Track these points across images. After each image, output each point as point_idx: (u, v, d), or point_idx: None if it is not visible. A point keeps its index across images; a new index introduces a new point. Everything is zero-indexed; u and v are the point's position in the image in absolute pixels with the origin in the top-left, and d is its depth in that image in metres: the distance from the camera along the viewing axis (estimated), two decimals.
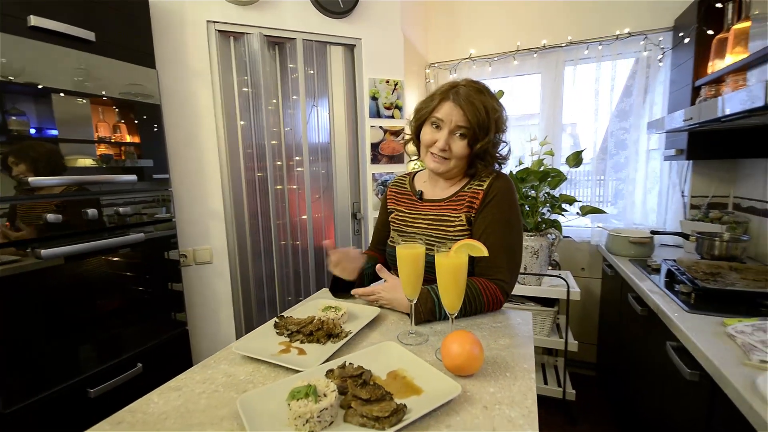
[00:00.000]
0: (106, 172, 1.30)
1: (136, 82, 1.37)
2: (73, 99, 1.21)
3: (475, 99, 0.94)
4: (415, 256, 0.77)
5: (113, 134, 1.34)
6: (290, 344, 0.78)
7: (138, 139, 1.39)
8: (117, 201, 1.33)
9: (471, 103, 0.93)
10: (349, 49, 1.94)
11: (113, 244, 1.29)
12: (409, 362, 0.68)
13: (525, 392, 0.60)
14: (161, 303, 1.50)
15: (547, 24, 2.29)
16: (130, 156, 1.38)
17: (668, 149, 2.00)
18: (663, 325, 1.25)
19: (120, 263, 1.35)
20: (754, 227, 1.81)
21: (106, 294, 1.30)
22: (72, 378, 1.19)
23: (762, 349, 0.90)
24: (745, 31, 1.41)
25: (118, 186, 1.33)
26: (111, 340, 1.32)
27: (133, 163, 1.38)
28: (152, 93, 1.42)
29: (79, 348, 1.22)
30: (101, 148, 1.31)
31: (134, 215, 1.38)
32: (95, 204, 1.26)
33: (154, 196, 1.46)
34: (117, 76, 1.31)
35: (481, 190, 0.96)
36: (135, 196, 1.38)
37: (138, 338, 1.41)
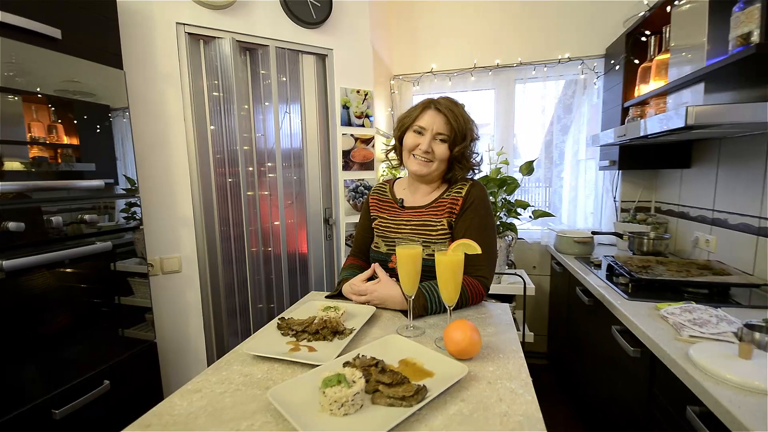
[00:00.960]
0: (47, 176, 1.16)
1: (74, 79, 1.23)
2: (4, 96, 1.08)
3: (454, 108, 1.08)
4: (414, 255, 0.85)
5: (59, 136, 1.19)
6: (298, 343, 0.81)
7: (77, 141, 1.25)
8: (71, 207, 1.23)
9: (451, 111, 1.07)
10: (320, 58, 1.98)
11: (72, 255, 1.19)
12: (416, 351, 0.75)
13: (519, 368, 0.70)
14: (127, 316, 1.42)
15: (501, 45, 2.51)
16: (67, 159, 1.22)
17: (602, 160, 2.30)
18: (608, 312, 1.45)
19: (80, 275, 1.26)
20: (672, 227, 2.14)
21: (65, 308, 1.21)
22: (34, 399, 1.09)
23: (689, 327, 1.10)
24: (665, 61, 1.69)
25: (75, 192, 1.22)
26: (74, 357, 1.23)
27: (70, 167, 1.22)
28: (93, 91, 1.29)
29: (40, 367, 1.13)
30: (34, 150, 1.15)
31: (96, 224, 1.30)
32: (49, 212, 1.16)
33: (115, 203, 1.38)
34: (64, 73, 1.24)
35: (460, 197, 1.07)
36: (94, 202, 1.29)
37: (103, 354, 1.32)
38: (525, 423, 0.55)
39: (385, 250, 1.13)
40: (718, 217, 1.75)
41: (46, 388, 1.13)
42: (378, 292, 1.00)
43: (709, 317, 1.15)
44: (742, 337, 1.02)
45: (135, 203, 1.44)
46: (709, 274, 1.49)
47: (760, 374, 0.83)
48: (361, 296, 1.02)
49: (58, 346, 1.18)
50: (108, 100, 1.34)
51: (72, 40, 1.21)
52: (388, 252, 1.12)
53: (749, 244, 1.54)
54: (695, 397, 0.90)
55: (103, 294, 1.34)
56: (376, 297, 1.00)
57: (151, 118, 1.56)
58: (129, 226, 1.42)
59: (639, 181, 2.39)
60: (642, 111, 1.91)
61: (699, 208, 1.90)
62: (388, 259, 1.11)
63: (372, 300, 1.01)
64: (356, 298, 1.03)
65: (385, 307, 1.01)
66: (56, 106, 1.19)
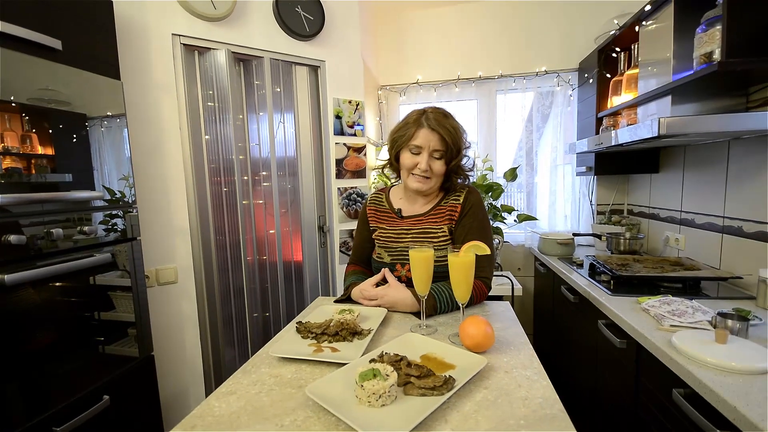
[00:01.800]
0: (22, 188, 1.09)
1: (49, 87, 1.16)
2: None
3: (445, 123, 1.10)
4: (427, 258, 0.90)
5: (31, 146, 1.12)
6: (319, 344, 0.85)
7: (51, 151, 1.16)
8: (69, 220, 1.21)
9: (443, 126, 1.09)
10: (313, 69, 2.03)
11: (65, 270, 1.15)
12: (434, 346, 0.80)
13: (530, 358, 0.77)
14: (124, 329, 1.39)
15: (483, 58, 2.64)
16: (43, 171, 1.16)
17: (579, 166, 2.45)
18: (594, 308, 1.55)
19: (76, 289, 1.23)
20: (644, 227, 2.30)
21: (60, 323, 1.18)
22: (35, 417, 1.06)
23: (669, 317, 1.21)
24: (634, 76, 1.84)
25: (61, 205, 1.18)
26: (72, 373, 1.20)
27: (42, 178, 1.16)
28: (85, 101, 1.25)
29: (40, 384, 1.10)
30: (7, 160, 1.08)
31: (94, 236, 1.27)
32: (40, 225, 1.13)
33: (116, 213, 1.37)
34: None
35: (458, 204, 1.14)
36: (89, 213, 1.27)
37: (102, 369, 1.29)
38: (545, 404, 0.61)
39: (389, 260, 1.17)
40: (686, 217, 1.91)
41: (45, 406, 1.10)
42: (389, 295, 1.04)
43: (685, 308, 1.26)
44: (716, 325, 1.14)
45: (117, 215, 1.37)
46: (681, 269, 1.63)
47: (736, 356, 0.93)
48: (372, 300, 1.06)
49: (55, 363, 1.15)
50: (103, 109, 1.33)
51: (71, 52, 1.20)
52: (392, 261, 1.16)
53: (715, 242, 1.69)
54: (680, 380, 0.99)
55: (98, 307, 1.31)
56: (387, 300, 1.05)
57: (147, 127, 1.56)
58: (111, 239, 1.35)
59: (612, 186, 2.55)
60: (615, 121, 2.07)
61: (668, 209, 2.06)
62: (392, 268, 1.15)
63: (383, 303, 1.05)
64: (367, 302, 1.08)
65: (396, 310, 1.06)
66: (30, 115, 1.13)
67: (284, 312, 2.00)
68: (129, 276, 1.41)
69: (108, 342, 1.33)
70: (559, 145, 2.61)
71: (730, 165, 1.62)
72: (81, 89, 1.25)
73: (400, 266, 1.15)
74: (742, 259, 1.54)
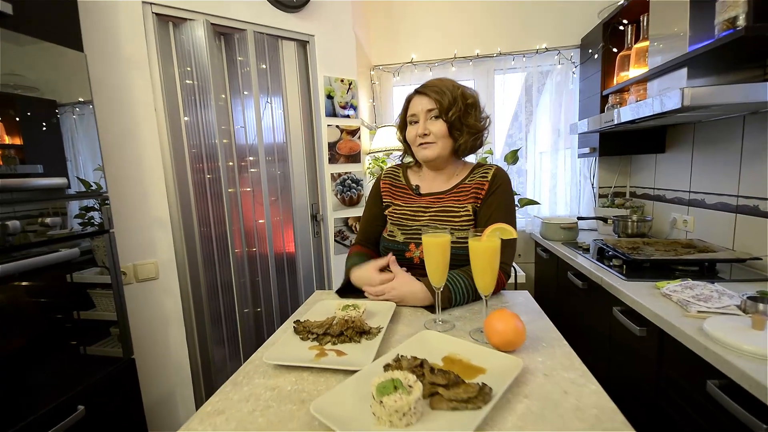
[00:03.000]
0: None
1: (16, 71, 1.03)
2: None
3: (436, 83, 1.05)
4: (443, 244, 0.79)
5: None
6: (323, 347, 0.73)
7: (19, 140, 1.05)
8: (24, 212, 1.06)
9: (433, 86, 1.04)
10: (301, 45, 1.87)
11: (24, 267, 1.01)
12: (457, 346, 0.69)
13: (569, 357, 0.67)
14: (99, 331, 1.25)
15: (480, 36, 2.51)
16: (10, 161, 1.02)
17: (582, 147, 2.35)
18: (607, 294, 1.47)
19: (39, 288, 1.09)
20: (648, 209, 2.23)
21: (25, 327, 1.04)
22: None
23: (695, 303, 1.13)
24: (644, 49, 1.74)
25: (25, 195, 1.05)
26: (42, 382, 1.06)
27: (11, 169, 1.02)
28: (47, 84, 1.11)
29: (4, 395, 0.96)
30: None
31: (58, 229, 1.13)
32: None
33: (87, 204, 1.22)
34: None
35: (486, 181, 1.03)
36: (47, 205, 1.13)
37: (76, 376, 1.16)
38: (602, 416, 0.51)
39: (402, 239, 1.06)
40: (695, 198, 1.83)
41: (11, 419, 0.97)
42: (397, 289, 0.93)
43: (710, 292, 1.18)
44: (746, 309, 1.06)
45: (93, 207, 1.25)
46: (695, 251, 1.55)
47: None
48: (379, 296, 0.95)
49: (20, 371, 1.01)
50: (65, 92, 1.17)
51: (24, 17, 1.03)
52: (406, 241, 1.06)
53: (728, 222, 1.62)
54: (716, 371, 0.91)
55: (68, 308, 1.17)
56: (395, 295, 0.93)
57: (117, 108, 1.39)
58: (87, 231, 1.23)
59: (614, 167, 2.47)
60: (621, 98, 1.97)
61: (675, 190, 1.99)
62: (405, 248, 1.05)
63: (391, 298, 0.94)
64: (373, 298, 0.96)
65: (405, 304, 0.94)
66: None
67: (277, 306, 1.88)
68: (105, 272, 1.27)
69: (82, 346, 1.19)
70: (561, 126, 2.52)
71: (745, 141, 1.54)
72: (40, 64, 1.09)
73: (414, 246, 1.05)
74: (759, 240, 1.47)
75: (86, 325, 1.21)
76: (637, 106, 1.46)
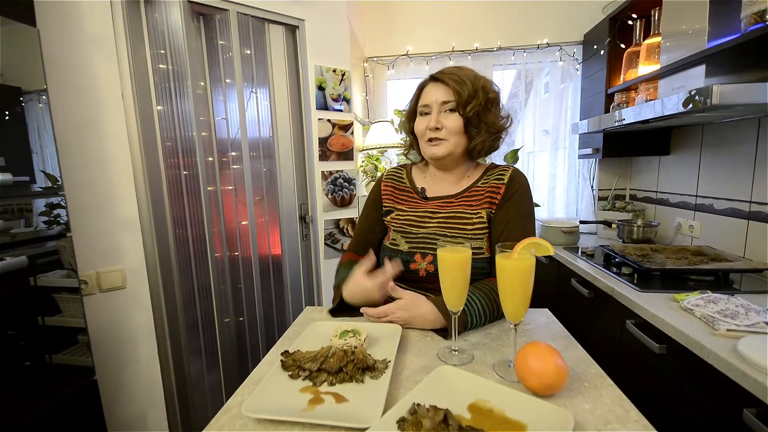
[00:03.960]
0: None
1: None
2: None
3: (454, 70, 0.92)
4: (464, 260, 0.66)
5: None
6: (318, 389, 0.59)
7: None
8: None
9: (452, 74, 0.90)
10: (290, 30, 1.71)
11: None
12: (484, 389, 0.57)
13: (620, 402, 0.55)
14: (54, 349, 1.08)
15: (480, 29, 2.39)
16: None
17: (584, 148, 2.27)
18: (618, 305, 1.38)
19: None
20: (650, 214, 2.16)
21: None
22: None
23: (722, 319, 1.03)
24: (656, 45, 1.65)
25: None
26: None
27: None
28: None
29: None
30: None
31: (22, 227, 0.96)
32: None
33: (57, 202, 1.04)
34: None
35: (502, 185, 0.90)
36: None
37: (28, 401, 0.99)
38: None
39: (407, 248, 0.93)
40: (702, 202, 1.76)
41: None
42: (404, 310, 0.80)
43: (735, 307, 1.09)
44: None
45: (60, 204, 1.10)
46: (707, 259, 1.48)
47: None
48: (381, 318, 0.82)
49: None
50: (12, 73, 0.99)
51: None
52: (411, 250, 0.92)
53: (739, 229, 1.55)
54: (754, 398, 0.82)
55: (17, 324, 1.00)
56: (401, 317, 0.80)
57: (77, 94, 1.21)
58: (51, 232, 1.08)
59: (614, 169, 2.40)
60: (628, 97, 1.88)
61: (680, 194, 1.92)
62: (410, 259, 0.92)
63: (396, 320, 0.81)
64: (374, 320, 0.83)
65: (411, 327, 0.81)
66: None
67: (261, 315, 1.72)
68: (73, 275, 1.11)
69: (33, 365, 1.02)
70: (561, 126, 2.43)
71: (760, 145, 1.46)
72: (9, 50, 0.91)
73: (419, 257, 0.92)
74: None
75: (37, 343, 1.04)
76: (655, 104, 1.36)
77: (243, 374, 1.71)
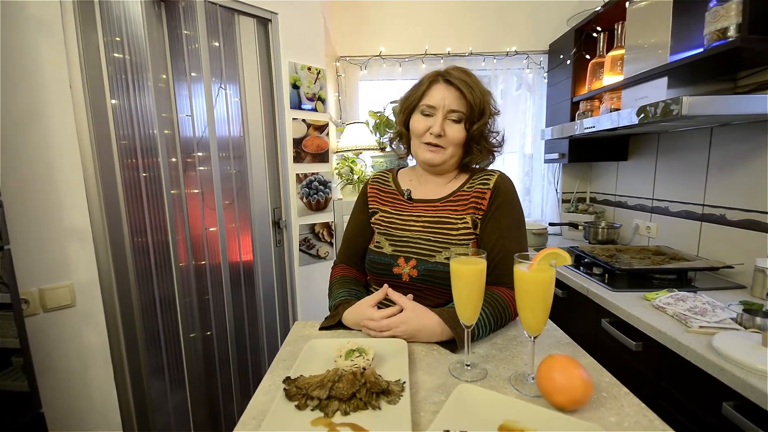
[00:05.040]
0: None
1: None
2: None
3: (467, 79, 0.89)
4: (478, 273, 0.63)
5: None
6: (331, 421, 0.53)
7: None
8: None
9: (464, 82, 0.87)
10: (262, 23, 1.60)
11: None
12: (510, 408, 0.54)
13: (643, 412, 0.55)
14: None
15: (452, 33, 2.40)
16: None
17: (550, 153, 2.36)
18: (593, 304, 1.44)
19: None
20: (609, 215, 2.29)
21: None
22: None
23: (693, 317, 1.10)
24: (620, 57, 1.74)
25: None
26: None
27: None
28: None
29: None
30: None
31: None
32: None
33: None
34: None
35: (487, 190, 0.89)
36: None
37: None
38: None
39: (390, 251, 0.90)
40: (658, 205, 1.89)
41: None
42: (408, 323, 0.76)
43: (702, 305, 1.17)
44: (743, 323, 1.05)
45: None
46: (667, 258, 1.58)
47: None
48: (384, 332, 0.77)
49: None
50: None
51: None
52: (394, 254, 0.89)
53: (692, 230, 1.68)
54: (732, 392, 0.87)
55: None
56: (404, 331, 0.76)
57: (16, 83, 1.04)
58: None
59: (576, 174, 2.53)
60: (593, 105, 1.98)
61: (637, 197, 2.05)
62: (393, 263, 0.89)
63: (399, 334, 0.76)
64: (375, 334, 0.78)
65: (415, 341, 0.77)
66: None
67: (232, 328, 1.60)
68: (5, 289, 0.94)
69: None
70: (528, 131, 2.51)
71: (712, 152, 1.59)
72: None
73: (403, 261, 0.89)
74: (724, 248, 1.53)
75: None
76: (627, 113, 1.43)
77: (212, 392, 1.59)
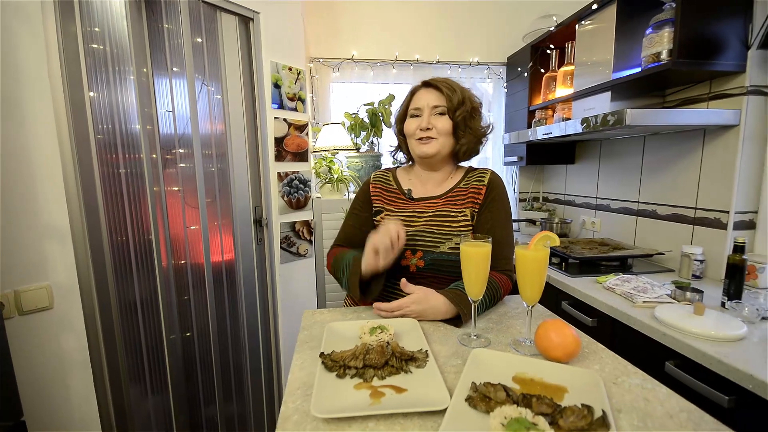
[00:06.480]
0: None
1: None
2: None
3: (445, 80, 1.04)
4: (485, 255, 0.74)
5: None
6: (371, 384, 0.61)
7: None
8: None
9: (444, 82, 1.03)
10: (244, 21, 1.61)
11: None
12: (518, 363, 0.65)
13: (617, 361, 0.69)
14: None
15: (421, 41, 2.54)
16: None
17: (509, 156, 2.58)
18: (554, 289, 1.62)
19: None
20: (560, 212, 2.56)
21: None
22: None
23: (637, 294, 1.31)
24: (570, 72, 1.98)
25: None
26: None
27: None
28: None
29: None
30: None
31: None
32: None
33: None
34: None
35: (483, 186, 1.01)
36: None
37: None
38: (694, 416, 0.53)
39: None
40: (601, 203, 2.17)
41: None
42: (416, 304, 0.85)
43: (643, 284, 1.39)
44: (676, 297, 1.27)
45: None
46: (611, 248, 1.83)
47: (718, 326, 1.03)
48: (395, 312, 0.85)
49: None
50: None
51: None
52: (402, 247, 0.98)
53: (629, 224, 1.95)
54: (672, 352, 1.06)
55: None
56: (413, 310, 0.85)
57: None
58: None
59: (531, 175, 2.78)
60: (546, 114, 2.21)
61: (583, 196, 2.32)
62: (401, 256, 0.98)
63: (409, 313, 0.85)
64: (386, 315, 0.86)
65: (424, 320, 0.87)
66: None
67: (215, 327, 1.58)
68: None
69: None
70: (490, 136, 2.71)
71: (645, 157, 1.87)
72: None
73: (410, 253, 0.99)
74: (656, 238, 1.80)
75: None
76: (573, 123, 1.64)
77: (193, 392, 1.55)
